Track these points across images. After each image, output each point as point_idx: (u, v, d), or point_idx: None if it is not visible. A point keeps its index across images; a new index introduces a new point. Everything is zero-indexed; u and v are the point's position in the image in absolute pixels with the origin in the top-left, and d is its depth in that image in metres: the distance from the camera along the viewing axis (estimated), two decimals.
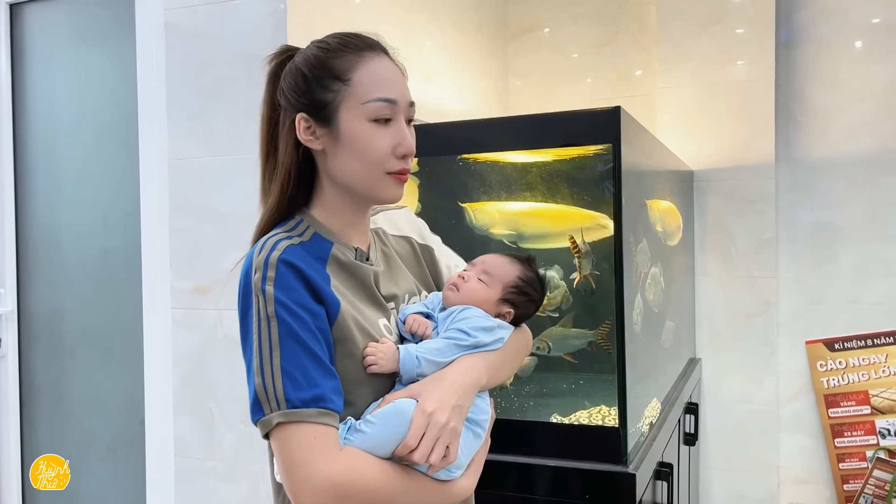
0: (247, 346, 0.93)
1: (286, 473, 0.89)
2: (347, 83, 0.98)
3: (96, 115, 2.22)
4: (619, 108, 1.54)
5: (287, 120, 1.00)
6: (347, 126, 0.98)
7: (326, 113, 0.98)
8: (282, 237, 0.97)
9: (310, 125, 0.99)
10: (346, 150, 0.99)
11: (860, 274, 2.85)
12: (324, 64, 0.99)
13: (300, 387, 0.89)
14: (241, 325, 0.94)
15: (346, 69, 0.99)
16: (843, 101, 2.86)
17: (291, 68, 1.01)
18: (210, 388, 1.92)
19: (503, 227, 1.78)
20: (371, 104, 0.98)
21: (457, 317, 1.06)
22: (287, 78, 1.01)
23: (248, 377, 0.93)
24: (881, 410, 2.81)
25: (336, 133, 0.99)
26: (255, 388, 0.90)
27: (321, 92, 0.98)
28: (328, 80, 0.98)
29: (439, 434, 0.93)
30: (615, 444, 1.55)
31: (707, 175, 2.96)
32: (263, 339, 0.90)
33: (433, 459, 0.93)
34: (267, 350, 0.90)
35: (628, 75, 3.26)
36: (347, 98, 0.98)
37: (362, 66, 0.99)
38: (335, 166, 1.00)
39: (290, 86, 1.00)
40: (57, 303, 2.28)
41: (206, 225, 1.91)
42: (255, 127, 1.83)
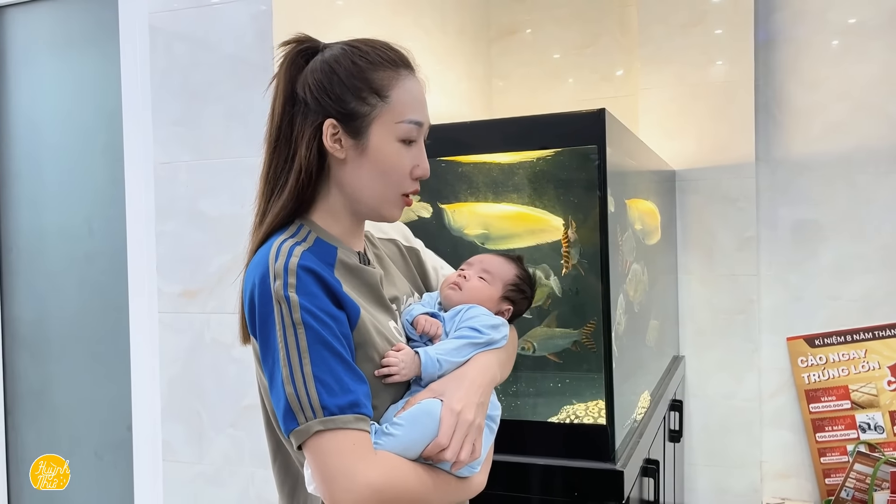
0: (268, 354, 0.91)
1: (326, 482, 0.87)
2: (386, 100, 0.98)
3: (80, 118, 2.20)
4: (603, 110, 1.56)
5: (311, 120, 0.98)
6: (377, 142, 0.98)
7: (358, 125, 0.97)
8: (293, 243, 0.96)
9: (337, 132, 0.98)
10: (370, 165, 0.99)
11: (839, 271, 2.90)
12: (364, 75, 0.97)
13: (335, 393, 0.88)
14: (261, 333, 0.92)
15: (385, 85, 0.98)
16: (820, 100, 2.91)
17: (325, 69, 0.98)
18: (198, 391, 1.92)
19: (476, 228, 1.79)
20: (404, 125, 0.99)
21: (464, 315, 1.07)
22: (316, 76, 0.98)
23: (272, 387, 0.91)
24: (861, 405, 2.85)
25: (363, 146, 0.98)
26: (288, 397, 0.87)
27: (357, 103, 0.97)
28: (366, 93, 0.97)
29: (468, 431, 0.95)
30: (603, 442, 1.57)
31: (689, 174, 2.99)
32: (291, 347, 0.88)
33: (463, 456, 0.94)
34: (296, 358, 0.88)
35: (610, 76, 3.29)
36: (383, 115, 0.98)
37: (400, 85, 0.99)
38: (352, 178, 1.00)
39: (321, 88, 0.97)
40: (42, 308, 2.27)
41: (193, 229, 1.91)
42: (240, 131, 1.85)
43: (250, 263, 0.97)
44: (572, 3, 3.33)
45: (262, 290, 0.92)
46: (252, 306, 0.93)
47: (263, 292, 0.91)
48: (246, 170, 1.83)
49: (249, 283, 0.95)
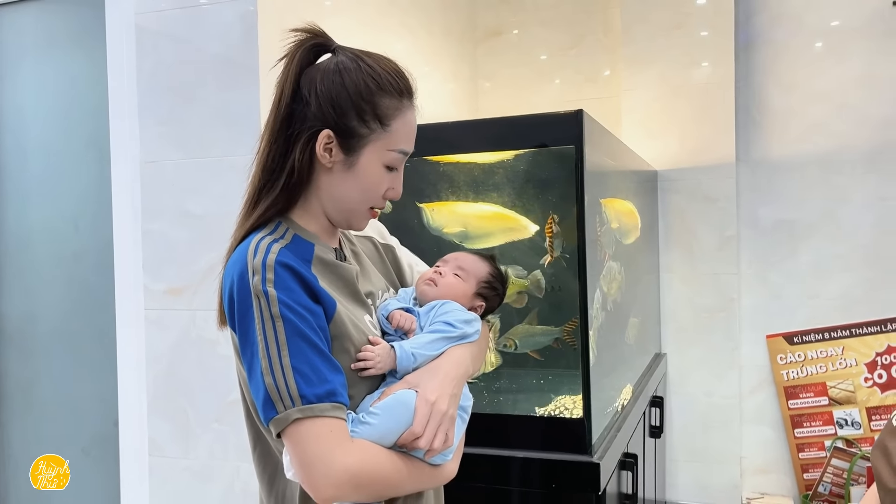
0: (247, 347, 0.94)
1: (304, 468, 0.91)
2: (386, 128, 1.02)
3: (67, 118, 2.22)
4: (581, 111, 1.60)
5: (309, 124, 1.01)
6: (366, 162, 1.03)
7: (353, 143, 1.01)
8: (271, 240, 0.99)
9: (331, 143, 1.01)
10: (353, 181, 1.03)
11: (818, 270, 2.96)
12: (372, 98, 1.01)
13: (312, 383, 0.92)
14: (240, 327, 0.95)
15: (389, 115, 1.02)
16: (798, 102, 2.96)
17: (335, 79, 1.01)
18: (184, 387, 1.94)
19: (454, 227, 1.83)
20: (394, 153, 1.04)
21: (439, 310, 1.12)
22: (325, 84, 1.00)
23: (251, 378, 0.95)
24: (838, 401, 2.91)
25: (352, 163, 1.02)
26: (267, 387, 0.91)
27: (358, 124, 1.01)
28: (369, 117, 1.01)
29: (441, 421, 1.00)
30: (580, 435, 1.61)
31: (671, 175, 3.04)
32: (270, 340, 0.92)
33: (437, 444, 0.99)
34: (275, 350, 0.92)
35: (594, 77, 3.34)
36: (379, 140, 1.02)
37: (400, 116, 1.03)
38: (333, 187, 1.04)
39: (327, 97, 1.00)
40: (29, 305, 2.28)
41: (179, 227, 1.93)
42: (226, 130, 1.87)
43: (230, 259, 1.01)
44: (557, 4, 3.37)
45: (240, 286, 0.95)
46: (231, 301, 0.96)
47: (242, 287, 0.95)
48: (231, 168, 1.86)
49: (229, 279, 0.98)
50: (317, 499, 0.93)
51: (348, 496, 0.93)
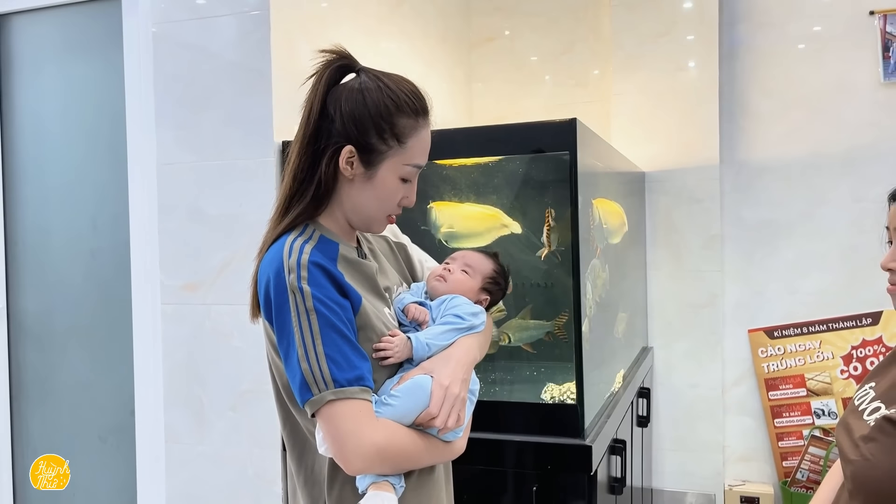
0: (284, 337, 1.06)
1: (338, 443, 1.04)
2: (403, 146, 1.13)
3: (85, 123, 2.31)
4: (575, 119, 1.72)
5: (334, 140, 1.12)
6: (384, 176, 1.14)
7: (372, 158, 1.13)
8: (302, 241, 1.11)
9: (352, 158, 1.12)
10: (371, 191, 1.15)
11: (797, 267, 3.10)
12: (391, 118, 1.11)
13: (343, 369, 1.04)
14: (277, 320, 1.07)
15: (405, 133, 1.13)
16: (779, 107, 3.10)
17: (358, 99, 1.11)
18: (199, 378, 2.05)
19: (445, 227, 1.97)
20: (409, 167, 1.16)
21: (449, 304, 1.25)
22: (350, 104, 1.11)
23: (287, 365, 1.07)
24: (816, 392, 3.05)
25: (371, 176, 1.14)
26: (303, 372, 1.03)
27: (377, 141, 1.12)
28: (388, 135, 1.12)
29: (454, 403, 1.13)
30: (573, 420, 1.73)
31: (657, 176, 3.17)
32: (305, 331, 1.04)
33: (451, 423, 1.12)
34: (310, 339, 1.04)
35: (585, 81, 3.46)
36: (396, 156, 1.14)
37: (416, 134, 1.14)
38: (353, 197, 1.15)
39: (350, 116, 1.11)
40: (47, 300, 2.37)
41: (194, 226, 2.04)
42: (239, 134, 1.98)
43: (264, 258, 1.12)
44: (549, 11, 3.49)
45: (277, 283, 1.07)
46: (268, 296, 1.08)
47: (279, 284, 1.07)
48: (244, 170, 1.97)
49: (265, 277, 1.10)
50: (348, 470, 1.06)
51: (376, 468, 1.06)
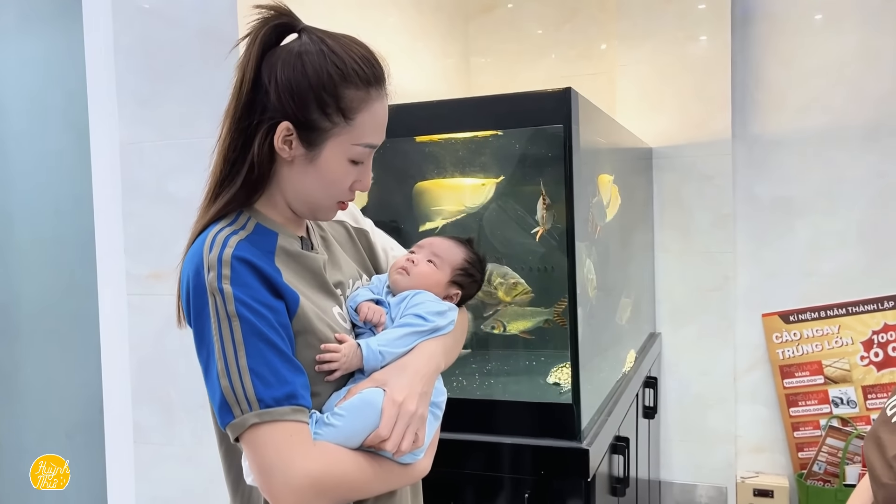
0: (203, 347, 0.90)
1: (263, 475, 0.88)
2: (349, 122, 0.96)
3: (45, 98, 2.17)
4: (569, 89, 1.55)
5: (269, 115, 0.95)
6: (328, 157, 0.97)
7: (314, 137, 0.95)
8: (229, 232, 0.94)
9: (290, 136, 0.95)
10: (315, 175, 0.97)
11: (814, 247, 2.92)
12: (335, 90, 0.94)
13: (270, 385, 0.87)
14: (196, 325, 0.91)
15: (352, 108, 0.95)
16: (797, 77, 2.91)
17: (296, 67, 0.94)
18: (169, 373, 1.91)
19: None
20: (359, 147, 0.98)
21: (410, 301, 1.07)
22: (287, 72, 0.94)
23: (207, 379, 0.90)
24: (834, 380, 2.89)
25: (313, 157, 0.97)
26: (223, 390, 0.87)
27: (319, 117, 0.94)
28: (331, 110, 0.94)
29: (409, 422, 0.95)
30: (569, 421, 1.58)
31: (665, 152, 2.99)
32: (226, 340, 0.88)
33: (404, 447, 0.94)
34: (231, 350, 0.87)
35: (588, 53, 3.27)
36: (342, 134, 0.96)
37: (366, 109, 0.96)
38: (294, 180, 0.98)
39: (286, 87, 0.94)
40: (9, 290, 2.25)
41: (160, 210, 1.89)
42: (208, 109, 1.82)
43: (188, 253, 0.96)
44: None
45: (196, 283, 0.91)
46: (188, 298, 0.92)
47: (198, 284, 0.90)
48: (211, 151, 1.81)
49: (185, 275, 0.94)
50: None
51: (310, 502, 0.90)
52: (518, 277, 1.80)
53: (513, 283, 1.80)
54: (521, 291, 1.80)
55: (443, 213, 1.79)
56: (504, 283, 1.79)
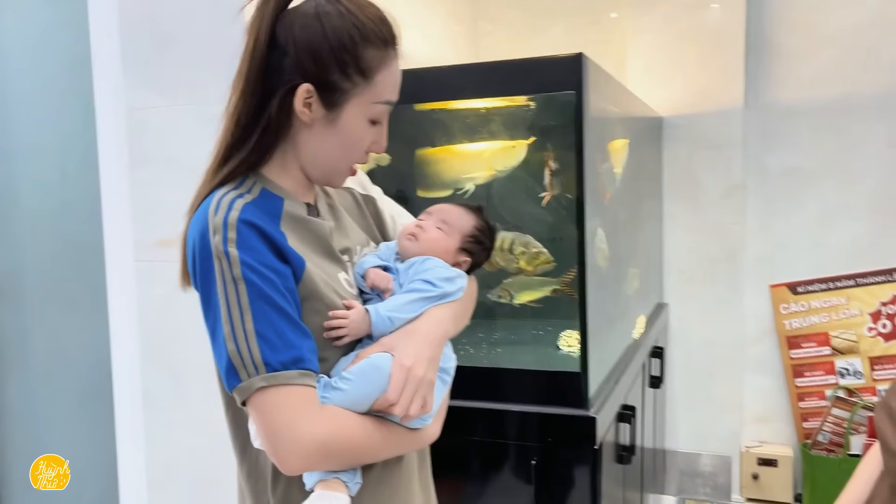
0: (210, 311, 0.90)
1: (270, 439, 0.88)
2: (369, 81, 0.95)
3: (49, 65, 2.15)
4: (581, 54, 1.53)
5: (287, 78, 0.93)
6: (349, 118, 0.96)
7: (335, 98, 0.95)
8: (235, 195, 0.93)
9: (310, 99, 0.94)
10: (334, 137, 0.97)
11: (825, 218, 2.90)
12: (355, 51, 0.93)
13: (277, 349, 0.87)
14: (202, 289, 0.90)
15: (372, 66, 0.95)
16: (811, 45, 2.85)
17: (315, 28, 0.93)
18: (177, 339, 1.92)
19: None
20: (379, 106, 0.98)
21: (419, 267, 1.06)
22: (306, 33, 0.93)
23: (214, 344, 0.90)
24: (840, 351, 2.88)
25: (334, 119, 0.96)
26: (229, 354, 0.87)
27: (339, 78, 0.94)
28: (352, 70, 0.94)
29: (418, 387, 0.94)
30: (576, 389, 1.58)
31: (676, 121, 2.96)
32: (232, 304, 0.87)
33: (413, 411, 0.94)
34: (237, 314, 0.87)
35: (599, 20, 3.22)
36: (363, 94, 0.96)
37: (385, 67, 0.96)
38: (313, 143, 0.98)
39: (307, 48, 0.93)
40: (17, 257, 2.25)
41: (167, 177, 1.88)
42: (214, 74, 1.80)
43: (193, 217, 0.95)
44: None
45: (202, 246, 0.90)
46: (193, 261, 0.91)
47: (203, 247, 0.90)
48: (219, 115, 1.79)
49: (191, 238, 0.93)
50: (284, 471, 0.90)
51: (318, 466, 0.90)
52: (540, 247, 1.78)
53: (535, 252, 1.78)
54: (544, 261, 1.78)
55: (474, 179, 1.77)
56: (526, 252, 1.78)
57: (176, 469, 1.97)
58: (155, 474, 1.99)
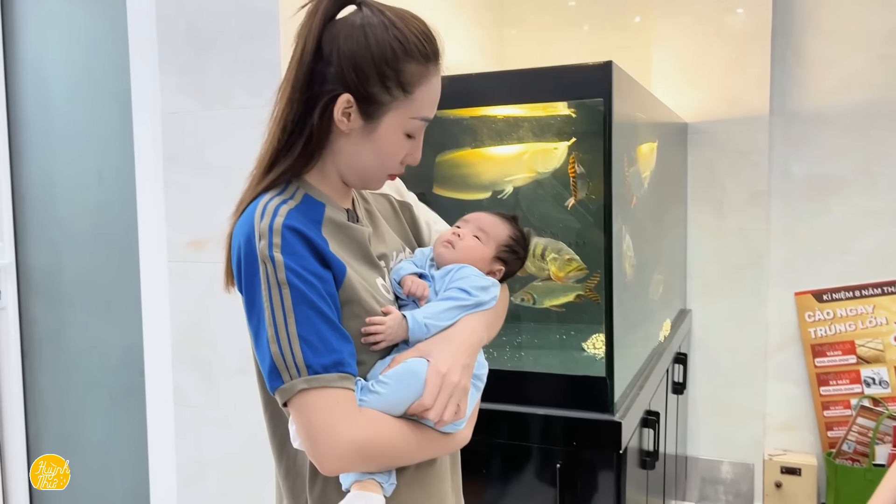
0: (254, 314, 0.91)
1: (310, 439, 0.90)
2: (409, 96, 0.97)
3: (88, 67, 2.20)
4: (610, 62, 1.54)
5: (329, 87, 0.95)
6: (386, 130, 0.98)
7: (373, 109, 0.96)
8: (279, 201, 0.95)
9: (350, 108, 0.96)
10: (371, 147, 0.99)
11: (851, 225, 2.88)
12: (397, 63, 0.95)
13: (319, 352, 0.89)
14: (247, 292, 0.92)
15: (413, 81, 0.96)
16: (838, 51, 2.84)
17: (360, 40, 0.95)
18: (208, 338, 1.96)
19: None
20: (416, 121, 0.99)
21: (455, 275, 1.08)
22: (350, 45, 0.95)
23: (257, 345, 0.92)
24: (866, 360, 2.86)
25: (371, 130, 0.98)
26: (273, 356, 0.89)
27: (380, 91, 0.95)
28: (392, 84, 0.95)
29: (452, 393, 0.96)
30: (602, 394, 1.60)
31: (701, 127, 2.95)
32: (276, 307, 0.89)
33: (447, 417, 0.96)
34: (281, 317, 0.89)
35: (624, 25, 3.23)
36: (401, 108, 0.97)
37: (425, 83, 0.98)
38: (350, 152, 1.00)
39: (349, 59, 0.94)
40: (55, 255, 2.30)
41: (200, 179, 1.92)
42: (247, 80, 1.84)
43: (238, 221, 0.97)
44: None
45: (247, 250, 0.92)
46: (239, 265, 0.94)
47: (249, 252, 0.92)
48: (252, 120, 1.83)
49: (236, 242, 0.95)
50: (322, 470, 0.92)
51: (355, 467, 0.92)
52: (573, 254, 1.78)
53: (567, 259, 1.78)
54: (576, 268, 1.78)
55: (514, 181, 1.77)
56: (558, 258, 1.77)
57: (206, 466, 2.00)
58: (185, 471, 2.03)
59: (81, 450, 2.33)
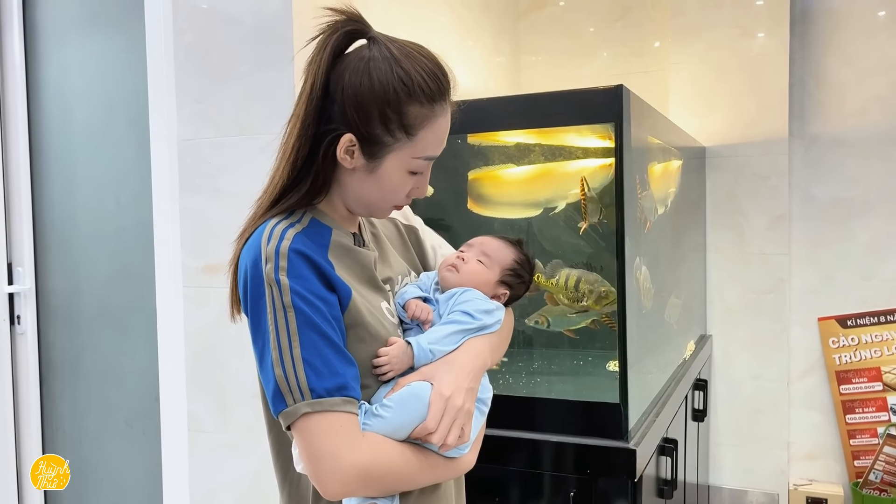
0: (259, 336, 0.92)
1: (313, 463, 0.90)
2: (411, 138, 0.97)
3: (107, 96, 2.25)
4: (621, 86, 1.54)
5: (333, 126, 0.96)
6: (388, 169, 0.98)
7: (376, 150, 0.97)
8: (286, 225, 0.96)
9: (353, 147, 0.97)
10: (374, 184, 0.99)
11: (874, 250, 2.83)
12: (399, 106, 0.94)
13: (323, 376, 0.89)
14: (252, 315, 0.93)
15: (416, 124, 0.96)
16: (858, 74, 2.82)
17: (364, 80, 0.94)
18: (222, 364, 1.96)
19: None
20: (418, 161, 0.99)
21: (458, 299, 1.08)
22: (353, 84, 0.95)
23: (261, 368, 0.93)
24: (893, 387, 2.80)
25: (374, 169, 0.98)
26: (277, 379, 0.89)
27: (382, 132, 0.96)
28: (394, 126, 0.95)
29: (456, 417, 0.96)
30: (616, 421, 1.57)
31: (719, 151, 2.94)
32: (281, 330, 0.90)
33: (450, 441, 0.96)
34: (286, 341, 0.90)
35: (641, 51, 3.23)
36: (404, 149, 0.97)
37: (429, 125, 0.97)
38: (354, 187, 1.01)
39: (352, 99, 0.95)
40: (73, 280, 2.33)
41: (215, 205, 1.94)
42: (262, 108, 1.86)
43: (245, 245, 0.98)
44: None
45: (253, 273, 0.93)
46: (245, 288, 0.94)
47: (255, 275, 0.92)
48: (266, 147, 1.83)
49: (243, 266, 0.96)
50: (325, 495, 0.91)
51: (357, 492, 0.92)
52: (609, 285, 1.71)
53: (603, 291, 1.72)
54: (613, 300, 1.70)
55: (567, 197, 1.73)
56: (594, 290, 1.72)
57: (219, 491, 2.00)
58: (198, 496, 2.02)
59: (98, 475, 2.34)
